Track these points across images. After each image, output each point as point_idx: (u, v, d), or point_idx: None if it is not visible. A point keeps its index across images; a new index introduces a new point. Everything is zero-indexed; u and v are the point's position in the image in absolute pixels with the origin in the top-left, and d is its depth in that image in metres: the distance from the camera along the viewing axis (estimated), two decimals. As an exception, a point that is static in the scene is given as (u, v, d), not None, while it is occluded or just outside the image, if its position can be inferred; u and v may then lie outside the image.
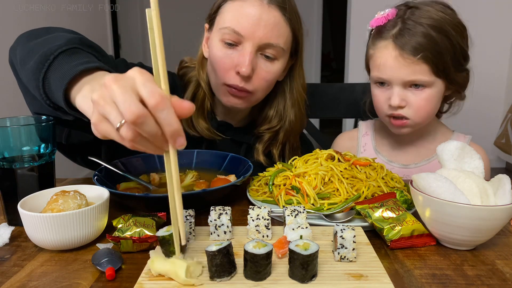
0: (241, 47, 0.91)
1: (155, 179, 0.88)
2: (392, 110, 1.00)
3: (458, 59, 0.97)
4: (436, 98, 0.99)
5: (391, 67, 0.97)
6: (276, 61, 0.94)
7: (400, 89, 0.98)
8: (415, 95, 0.98)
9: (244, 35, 0.89)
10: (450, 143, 0.71)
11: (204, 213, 0.75)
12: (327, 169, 0.79)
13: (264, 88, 0.97)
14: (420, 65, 0.94)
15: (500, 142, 3.14)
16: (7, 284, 0.54)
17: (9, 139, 0.68)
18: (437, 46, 0.93)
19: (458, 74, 0.99)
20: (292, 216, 0.65)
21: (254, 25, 0.88)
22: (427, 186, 0.64)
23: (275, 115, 1.04)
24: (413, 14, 0.97)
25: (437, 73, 0.95)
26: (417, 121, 1.01)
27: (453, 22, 0.96)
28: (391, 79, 0.98)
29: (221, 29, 0.91)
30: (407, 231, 0.63)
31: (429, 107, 0.99)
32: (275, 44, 0.91)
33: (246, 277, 0.53)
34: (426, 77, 0.95)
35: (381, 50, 0.99)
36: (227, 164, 0.94)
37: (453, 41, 0.95)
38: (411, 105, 0.99)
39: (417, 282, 0.55)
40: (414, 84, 0.97)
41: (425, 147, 1.12)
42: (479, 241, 0.63)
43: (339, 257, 0.57)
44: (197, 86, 1.02)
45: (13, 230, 0.69)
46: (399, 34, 0.96)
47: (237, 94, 0.94)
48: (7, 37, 2.60)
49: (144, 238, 0.62)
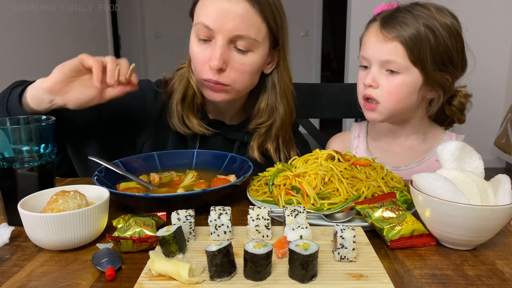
0: (213, 42, 0.92)
1: (155, 179, 0.88)
2: (366, 90, 1.03)
3: (441, 56, 0.97)
4: (409, 87, 0.99)
5: (372, 44, 1.01)
6: (250, 53, 0.94)
7: (376, 70, 1.01)
8: (388, 79, 1.00)
9: (213, 29, 0.90)
10: (450, 143, 0.71)
11: (204, 213, 0.75)
12: (327, 169, 0.79)
13: (243, 81, 0.97)
14: (396, 45, 0.97)
15: (500, 142, 3.14)
16: (7, 284, 0.54)
17: (9, 139, 0.68)
18: (419, 35, 0.95)
19: (438, 73, 0.99)
20: (292, 216, 0.65)
21: (223, 18, 0.89)
22: (427, 186, 0.64)
23: (266, 109, 1.04)
24: (412, 8, 0.99)
25: (413, 59, 0.96)
26: (387, 106, 1.01)
27: (448, 26, 0.97)
28: (370, 57, 1.01)
29: (195, 25, 0.94)
30: (407, 231, 0.63)
31: (400, 94, 1.00)
32: (245, 36, 0.91)
33: (246, 277, 0.53)
34: (400, 59, 0.97)
35: (368, 30, 1.04)
36: (227, 164, 0.94)
37: (439, 38, 0.96)
38: (382, 88, 1.01)
39: (417, 282, 0.55)
40: (390, 70, 0.99)
41: (415, 149, 1.12)
42: (479, 241, 0.63)
43: (339, 257, 0.57)
44: (187, 84, 1.04)
45: (13, 230, 0.69)
46: (388, 17, 1.00)
47: (214, 88, 0.95)
48: (7, 37, 2.60)
49: (144, 238, 0.62)
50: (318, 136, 1.52)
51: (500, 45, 3.40)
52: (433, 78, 0.99)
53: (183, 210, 0.65)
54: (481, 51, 3.82)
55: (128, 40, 4.96)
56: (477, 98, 3.47)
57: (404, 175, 0.84)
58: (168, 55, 5.09)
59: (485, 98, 3.37)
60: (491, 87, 3.42)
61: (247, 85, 0.99)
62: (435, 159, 1.07)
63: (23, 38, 2.73)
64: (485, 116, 3.40)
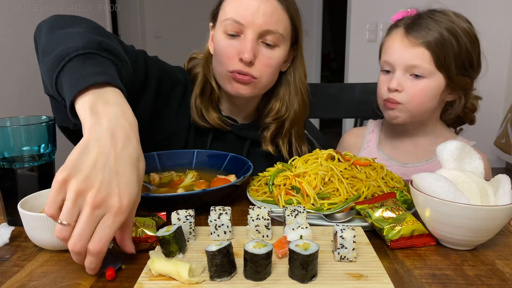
0: (242, 36, 0.95)
1: (155, 179, 0.88)
2: (389, 93, 1.06)
3: (462, 61, 1.01)
4: (433, 91, 1.03)
5: (396, 49, 1.04)
6: (277, 48, 0.98)
7: (401, 75, 1.04)
8: (413, 83, 1.03)
9: (244, 24, 0.94)
10: (450, 143, 0.71)
11: (204, 213, 0.75)
12: (327, 169, 0.79)
13: (268, 75, 1.00)
14: (423, 51, 1.00)
15: (500, 142, 3.14)
16: (7, 284, 0.54)
17: (9, 139, 0.68)
18: (443, 40, 0.99)
19: (460, 77, 1.02)
20: (292, 216, 0.65)
21: (253, 14, 0.93)
22: (427, 186, 0.64)
23: (281, 105, 1.08)
24: (432, 14, 1.03)
25: (438, 64, 1.00)
26: (409, 107, 1.04)
27: (467, 31, 1.01)
28: (394, 62, 1.04)
29: (223, 21, 0.96)
30: (407, 231, 0.63)
31: (424, 97, 1.03)
32: (274, 31, 0.95)
33: (246, 277, 0.53)
34: (426, 64, 1.00)
35: (392, 35, 1.07)
36: (227, 164, 0.94)
37: (461, 43, 1.00)
38: (407, 91, 1.03)
39: (417, 282, 0.55)
40: (415, 75, 1.02)
41: (425, 148, 1.14)
42: (479, 241, 0.63)
43: (339, 257, 0.57)
44: (204, 81, 1.06)
45: (13, 230, 0.69)
46: (412, 23, 1.03)
47: (242, 79, 0.97)
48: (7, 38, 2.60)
49: (144, 238, 0.62)
50: (318, 136, 1.51)
51: (500, 46, 3.40)
52: (456, 82, 1.02)
53: (183, 210, 0.65)
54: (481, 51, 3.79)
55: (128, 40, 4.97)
56: (477, 98, 3.37)
57: (411, 173, 0.85)
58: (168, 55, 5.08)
59: (485, 98, 3.34)
60: (491, 87, 3.41)
61: (270, 80, 1.03)
62: None
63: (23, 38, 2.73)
64: (485, 116, 3.38)
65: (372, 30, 3.42)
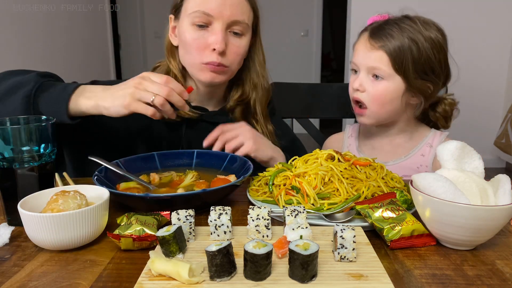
0: (211, 28, 1.00)
1: (155, 179, 0.88)
2: (354, 93, 1.14)
3: (422, 66, 1.07)
4: (392, 93, 1.09)
5: (360, 51, 1.12)
6: (244, 37, 1.05)
7: (364, 75, 1.11)
8: (374, 84, 1.10)
9: (213, 15, 0.99)
10: (450, 143, 0.71)
11: (204, 213, 0.75)
12: (327, 169, 0.79)
13: (237, 62, 1.07)
14: (381, 54, 1.07)
15: (500, 142, 3.14)
16: (7, 284, 0.54)
17: (9, 139, 0.68)
18: (401, 46, 1.05)
19: (419, 81, 1.08)
20: (292, 216, 0.65)
21: (221, 5, 0.98)
22: (427, 186, 0.64)
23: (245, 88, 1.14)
24: (400, 21, 1.09)
25: (395, 68, 1.06)
26: (373, 110, 1.11)
27: (432, 38, 1.06)
28: (359, 63, 1.12)
29: (191, 14, 1.00)
30: (407, 231, 0.63)
31: (384, 98, 1.09)
32: (241, 21, 1.01)
33: (246, 277, 0.53)
34: (384, 66, 1.07)
35: (360, 38, 1.15)
36: (227, 164, 0.94)
37: (421, 49, 1.05)
38: (368, 92, 1.10)
39: (417, 282, 0.55)
40: (376, 76, 1.09)
41: (402, 146, 1.20)
42: (479, 241, 0.63)
43: (339, 257, 0.57)
44: (167, 73, 1.10)
45: (13, 230, 0.69)
46: (376, 28, 1.10)
47: (216, 70, 1.02)
48: (7, 37, 2.60)
49: (144, 237, 0.62)
50: (318, 136, 1.52)
51: (500, 45, 3.40)
52: (414, 86, 1.08)
53: (183, 210, 0.65)
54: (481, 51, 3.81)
55: (128, 40, 4.96)
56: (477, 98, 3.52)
57: (392, 169, 0.88)
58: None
59: (485, 98, 3.37)
60: (491, 87, 3.42)
61: (238, 67, 1.09)
62: (420, 154, 1.18)
63: (23, 38, 2.73)
64: (485, 116, 3.40)
65: (372, 30, 3.42)
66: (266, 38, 1.17)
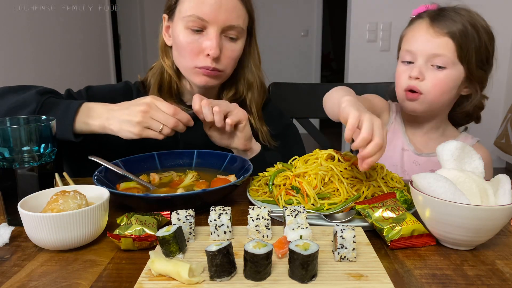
0: (206, 32, 0.99)
1: (155, 179, 0.88)
2: (410, 81, 1.06)
3: (481, 55, 1.05)
4: (452, 82, 1.05)
5: (420, 38, 1.05)
6: (238, 41, 1.04)
7: (422, 64, 1.05)
8: (434, 72, 1.04)
9: (208, 20, 0.98)
10: (450, 143, 0.71)
11: (204, 213, 0.75)
12: (327, 169, 0.79)
13: (233, 66, 1.06)
14: (447, 40, 1.02)
15: (500, 142, 3.14)
16: (7, 284, 0.54)
17: (9, 139, 0.68)
18: (467, 32, 1.02)
19: (479, 70, 1.06)
20: (292, 216, 0.65)
21: (216, 10, 0.97)
22: (427, 186, 0.64)
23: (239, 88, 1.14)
24: (455, 8, 1.06)
25: (460, 55, 1.02)
26: (429, 98, 1.06)
27: (485, 27, 1.06)
28: (417, 50, 1.05)
29: (185, 17, 1.00)
30: (407, 231, 0.63)
31: (444, 87, 1.05)
32: (236, 25, 1.00)
33: (246, 277, 0.53)
34: (449, 53, 1.02)
35: (415, 26, 1.08)
36: (227, 164, 0.94)
37: (481, 38, 1.03)
38: (428, 80, 1.05)
39: (417, 282, 0.55)
40: (437, 66, 1.04)
41: (433, 140, 1.17)
42: (479, 241, 0.63)
43: (339, 257, 0.57)
44: (161, 74, 1.11)
45: (13, 230, 0.69)
46: (437, 14, 1.06)
47: (210, 74, 1.02)
48: (7, 37, 2.60)
49: (143, 237, 0.62)
50: (318, 136, 1.52)
51: (500, 46, 3.38)
52: (475, 75, 1.05)
53: (183, 210, 0.65)
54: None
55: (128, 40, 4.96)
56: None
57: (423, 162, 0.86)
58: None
59: (485, 98, 3.36)
60: (491, 87, 3.41)
61: (233, 70, 1.08)
62: None
63: (23, 38, 2.73)
64: (485, 116, 3.39)
65: (372, 30, 3.41)
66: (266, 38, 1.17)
